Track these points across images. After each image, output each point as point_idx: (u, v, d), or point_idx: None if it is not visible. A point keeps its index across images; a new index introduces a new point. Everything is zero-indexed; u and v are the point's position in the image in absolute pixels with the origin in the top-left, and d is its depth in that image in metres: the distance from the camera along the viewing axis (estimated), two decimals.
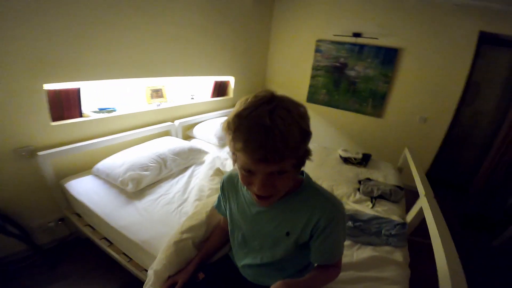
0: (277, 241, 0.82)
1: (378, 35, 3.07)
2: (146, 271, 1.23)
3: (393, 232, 1.47)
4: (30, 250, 1.64)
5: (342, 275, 1.17)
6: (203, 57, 2.82)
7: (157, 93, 2.64)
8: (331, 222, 0.73)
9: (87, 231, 1.57)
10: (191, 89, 3.12)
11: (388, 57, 3.07)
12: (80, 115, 1.88)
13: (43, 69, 1.55)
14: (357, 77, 3.30)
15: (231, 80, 3.43)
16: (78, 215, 1.70)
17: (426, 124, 3.11)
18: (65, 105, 1.76)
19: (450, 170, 3.46)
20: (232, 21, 3.05)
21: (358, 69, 3.27)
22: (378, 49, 3.10)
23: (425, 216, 1.38)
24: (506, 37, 2.72)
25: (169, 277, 1.00)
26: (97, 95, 2.16)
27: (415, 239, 1.73)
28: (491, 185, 2.74)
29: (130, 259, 1.38)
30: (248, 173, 0.63)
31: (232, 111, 0.62)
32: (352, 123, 3.55)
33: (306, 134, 0.62)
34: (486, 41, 2.79)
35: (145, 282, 1.01)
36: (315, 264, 0.87)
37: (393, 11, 2.96)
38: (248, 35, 3.41)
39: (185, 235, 1.12)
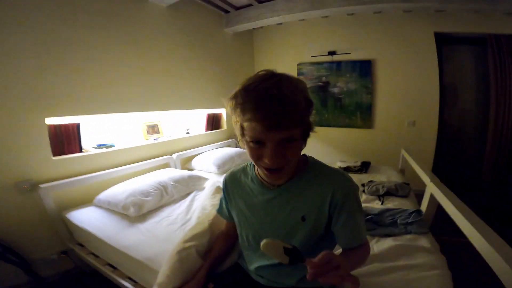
0: (293, 230, 0.77)
1: (350, 50, 3.36)
2: None
3: (409, 220, 1.42)
4: (34, 283, 1.61)
5: (367, 268, 1.09)
6: (192, 91, 2.97)
7: (153, 129, 2.71)
8: (348, 196, 0.72)
9: (90, 259, 1.52)
10: (186, 124, 3.21)
11: (364, 69, 3.30)
12: (80, 150, 1.91)
13: (45, 103, 1.65)
14: (341, 93, 3.48)
15: (223, 112, 3.56)
16: (81, 245, 1.66)
17: (416, 127, 3.21)
18: (66, 140, 1.81)
19: (452, 169, 3.46)
20: (216, 55, 3.30)
21: (340, 85, 3.47)
22: (354, 63, 3.34)
23: (440, 202, 1.29)
24: (457, 35, 3.02)
25: None
26: (96, 131, 2.22)
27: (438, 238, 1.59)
28: (499, 178, 2.76)
29: (136, 282, 1.29)
30: (257, 144, 0.64)
31: (236, 88, 0.65)
32: (345, 138, 3.63)
33: (310, 103, 0.67)
34: (443, 41, 3.06)
35: None
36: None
37: (358, 26, 3.28)
38: (233, 66, 3.64)
39: (188, 244, 1.06)
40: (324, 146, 3.78)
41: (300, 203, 0.75)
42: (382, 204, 1.75)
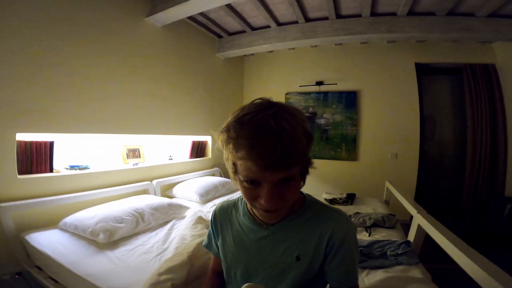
0: (285, 270, 0.70)
1: (337, 80, 3.50)
2: None
3: (399, 251, 1.36)
4: None
5: None
6: (179, 115, 2.93)
7: (134, 153, 2.59)
8: (347, 236, 0.67)
9: (48, 283, 1.33)
10: (169, 149, 3.12)
11: (350, 100, 3.44)
12: (51, 170, 1.75)
13: (18, 117, 1.52)
14: (327, 125, 3.57)
15: (209, 140, 3.51)
16: (39, 268, 1.46)
17: (398, 159, 3.29)
18: (36, 159, 1.66)
19: (433, 198, 3.49)
20: (206, 79, 3.32)
21: (327, 117, 3.57)
22: (340, 93, 3.48)
23: (428, 232, 1.31)
24: (436, 65, 3.24)
25: None
26: (71, 152, 2.08)
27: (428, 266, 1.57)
28: (478, 205, 2.82)
29: None
30: (252, 185, 0.58)
31: (229, 119, 0.59)
32: (331, 170, 3.63)
33: (310, 137, 0.61)
34: (423, 72, 3.26)
35: None
36: None
37: (345, 56, 3.47)
38: (222, 92, 3.67)
39: (163, 277, 0.96)
40: (309, 178, 3.70)
41: (296, 242, 0.69)
42: (369, 235, 1.70)
